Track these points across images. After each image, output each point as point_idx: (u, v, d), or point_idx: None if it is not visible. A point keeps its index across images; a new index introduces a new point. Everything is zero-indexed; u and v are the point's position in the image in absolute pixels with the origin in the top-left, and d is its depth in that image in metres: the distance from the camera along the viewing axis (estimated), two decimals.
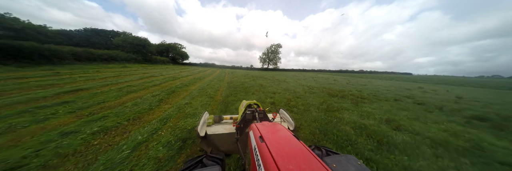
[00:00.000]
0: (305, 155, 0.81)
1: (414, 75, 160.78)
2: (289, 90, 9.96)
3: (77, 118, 3.81)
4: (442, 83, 27.56)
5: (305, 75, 38.85)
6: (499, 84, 28.10)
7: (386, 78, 39.63)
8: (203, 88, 9.54)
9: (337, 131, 3.69)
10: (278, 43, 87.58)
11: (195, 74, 19.68)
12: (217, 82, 12.92)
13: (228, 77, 19.56)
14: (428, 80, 35.94)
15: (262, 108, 1.85)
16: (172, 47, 68.09)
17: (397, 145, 3.10)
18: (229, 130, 2.20)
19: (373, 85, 15.88)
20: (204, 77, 16.39)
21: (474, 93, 12.77)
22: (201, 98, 6.66)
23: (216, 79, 15.63)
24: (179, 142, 2.90)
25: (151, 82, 9.99)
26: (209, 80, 13.92)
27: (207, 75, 19.48)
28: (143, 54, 33.64)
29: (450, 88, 17.15)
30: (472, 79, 59.84)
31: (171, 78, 13.02)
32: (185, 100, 6.12)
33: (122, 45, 30.71)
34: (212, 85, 10.86)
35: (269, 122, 1.51)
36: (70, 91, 6.18)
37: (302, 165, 0.72)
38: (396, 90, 12.21)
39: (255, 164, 0.89)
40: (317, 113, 5.16)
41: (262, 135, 1.05)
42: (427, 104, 7.23)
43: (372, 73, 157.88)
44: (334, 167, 0.95)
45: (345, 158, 1.04)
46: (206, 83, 11.75)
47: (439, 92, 12.25)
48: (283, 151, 0.84)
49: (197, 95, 7.45)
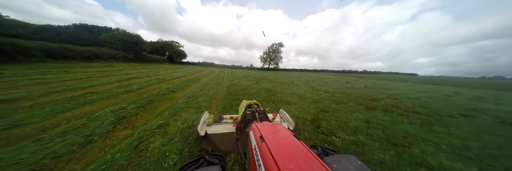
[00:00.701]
0: (305, 155, 0.82)
1: (421, 76, 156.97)
2: (305, 98, 7.81)
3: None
4: (461, 85, 25.46)
5: (310, 75, 36.79)
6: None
7: (396, 80, 37.56)
8: (194, 96, 7.39)
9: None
10: (279, 42, 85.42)
11: (190, 75, 17.48)
12: (214, 86, 10.74)
13: (228, 78, 17.40)
14: (444, 82, 33.85)
15: (262, 108, 1.87)
16: (169, 45, 65.60)
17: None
18: (229, 130, 2.19)
19: (398, 90, 13.74)
20: (200, 79, 14.20)
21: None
22: (186, 114, 4.48)
23: (213, 81, 13.46)
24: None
25: (126, 87, 7.79)
26: (204, 83, 11.74)
27: (203, 76, 17.27)
28: (135, 52, 31.32)
29: (490, 93, 15.01)
30: (484, 81, 57.70)
31: (157, 81, 10.84)
32: (159, 120, 3.93)
33: (110, 42, 28.34)
34: (207, 91, 8.69)
35: (269, 122, 1.55)
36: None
37: (302, 165, 0.73)
38: (437, 97, 10.05)
39: (255, 164, 0.90)
40: (381, 151, 2.98)
41: (262, 135, 1.06)
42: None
43: (375, 73, 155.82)
44: (334, 167, 0.97)
45: (345, 158, 1.06)
46: (200, 88, 9.58)
47: (496, 100, 9.94)
48: (283, 151, 0.85)
49: (182, 107, 5.26)
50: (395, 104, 7.20)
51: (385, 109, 6.09)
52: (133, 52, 30.91)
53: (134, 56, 31.03)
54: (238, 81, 14.26)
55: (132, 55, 30.06)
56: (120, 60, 25.91)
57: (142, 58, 35.13)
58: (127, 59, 28.12)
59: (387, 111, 5.88)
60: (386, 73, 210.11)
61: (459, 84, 28.46)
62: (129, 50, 29.66)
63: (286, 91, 9.63)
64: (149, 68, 22.22)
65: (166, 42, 64.54)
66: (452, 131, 4.25)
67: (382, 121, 4.71)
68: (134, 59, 30.55)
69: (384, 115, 5.39)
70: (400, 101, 7.92)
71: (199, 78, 14.65)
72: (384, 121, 4.66)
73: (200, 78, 14.79)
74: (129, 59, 28.81)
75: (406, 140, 3.47)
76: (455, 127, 4.54)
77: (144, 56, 36.06)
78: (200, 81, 13.05)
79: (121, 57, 26.82)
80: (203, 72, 24.55)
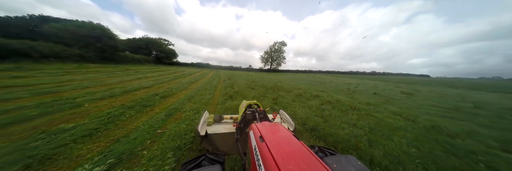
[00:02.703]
0: (305, 155, 0.83)
1: (434, 78, 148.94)
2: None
3: None
4: (479, 88, 22.36)
5: (316, 77, 30.82)
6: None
7: (405, 81, 32.81)
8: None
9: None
10: (282, 40, 79.03)
11: (161, 84, 10.63)
12: (189, 117, 3.98)
13: (222, 87, 10.65)
14: (471, 86, 28.06)
15: (262, 108, 1.91)
16: (154, 42, 57.94)
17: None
18: (229, 130, 2.23)
19: (445, 99, 7.21)
20: (171, 95, 7.41)
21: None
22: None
23: (197, 98, 6.71)
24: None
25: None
26: (173, 107, 4.96)
27: (183, 86, 10.42)
28: (99, 50, 24.21)
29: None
30: (499, 83, 52.73)
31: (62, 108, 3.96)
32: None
33: (60, 35, 21.07)
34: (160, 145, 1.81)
35: (269, 122, 1.62)
36: None
37: (302, 165, 0.74)
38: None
39: (255, 164, 0.91)
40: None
41: (262, 135, 1.07)
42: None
43: (375, 74, 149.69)
44: (334, 167, 0.97)
45: (345, 159, 1.06)
46: (149, 129, 2.70)
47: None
48: (283, 151, 0.86)
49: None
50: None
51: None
52: (96, 49, 23.74)
53: (98, 54, 23.80)
54: (241, 92, 7.74)
55: (94, 53, 22.87)
56: (70, 60, 18.73)
57: (113, 58, 27.96)
58: (84, 58, 20.96)
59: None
60: (395, 74, 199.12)
61: (476, 87, 25.58)
62: (87, 46, 22.50)
63: (334, 120, 2.91)
64: (106, 72, 15.24)
65: (150, 39, 56.95)
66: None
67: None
68: (97, 58, 23.37)
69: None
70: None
71: (171, 92, 7.84)
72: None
73: (174, 92, 7.99)
74: (88, 58, 21.63)
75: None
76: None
77: (115, 55, 28.91)
78: (166, 100, 6.25)
79: (74, 56, 19.67)
80: (189, 78, 17.63)
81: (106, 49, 25.41)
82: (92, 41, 23.31)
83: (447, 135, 3.95)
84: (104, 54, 24.95)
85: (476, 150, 3.20)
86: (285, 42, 77.67)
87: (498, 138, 3.93)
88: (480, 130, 4.48)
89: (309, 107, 6.10)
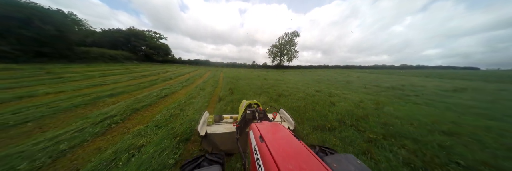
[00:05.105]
0: (305, 155, 0.84)
1: (485, 70, 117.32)
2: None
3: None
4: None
5: (353, 74, 22.67)
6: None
7: (447, 76, 26.25)
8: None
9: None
10: (293, 30, 69.61)
11: None
12: None
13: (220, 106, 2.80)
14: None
15: (262, 108, 1.93)
16: (139, 35, 49.14)
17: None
18: (229, 130, 2.31)
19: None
20: None
21: None
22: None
23: None
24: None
25: None
26: None
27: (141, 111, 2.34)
28: (38, 42, 16.33)
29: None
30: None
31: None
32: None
33: None
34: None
35: (269, 122, 1.63)
36: None
37: (302, 164, 0.75)
38: None
39: (255, 164, 0.92)
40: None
41: (262, 135, 1.08)
42: None
43: (388, 68, 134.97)
44: (334, 166, 0.99)
45: (344, 158, 1.08)
46: None
47: None
48: (283, 151, 0.87)
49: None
50: None
51: None
52: (36, 42, 15.79)
53: (27, 49, 15.79)
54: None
55: (32, 48, 14.97)
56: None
57: (65, 55, 20.08)
58: (17, 56, 13.22)
59: None
60: (415, 67, 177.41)
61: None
62: (20, 38, 14.62)
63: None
64: (29, 76, 7.37)
65: (133, 31, 48.35)
66: None
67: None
68: (33, 55, 15.49)
69: None
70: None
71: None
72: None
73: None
74: (17, 56, 13.77)
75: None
76: None
77: (70, 50, 21.01)
78: None
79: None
80: (167, 83, 9.55)
81: (47, 42, 17.41)
82: (22, 32, 15.25)
83: None
84: (43, 49, 16.96)
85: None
86: (297, 32, 68.41)
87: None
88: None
89: None
